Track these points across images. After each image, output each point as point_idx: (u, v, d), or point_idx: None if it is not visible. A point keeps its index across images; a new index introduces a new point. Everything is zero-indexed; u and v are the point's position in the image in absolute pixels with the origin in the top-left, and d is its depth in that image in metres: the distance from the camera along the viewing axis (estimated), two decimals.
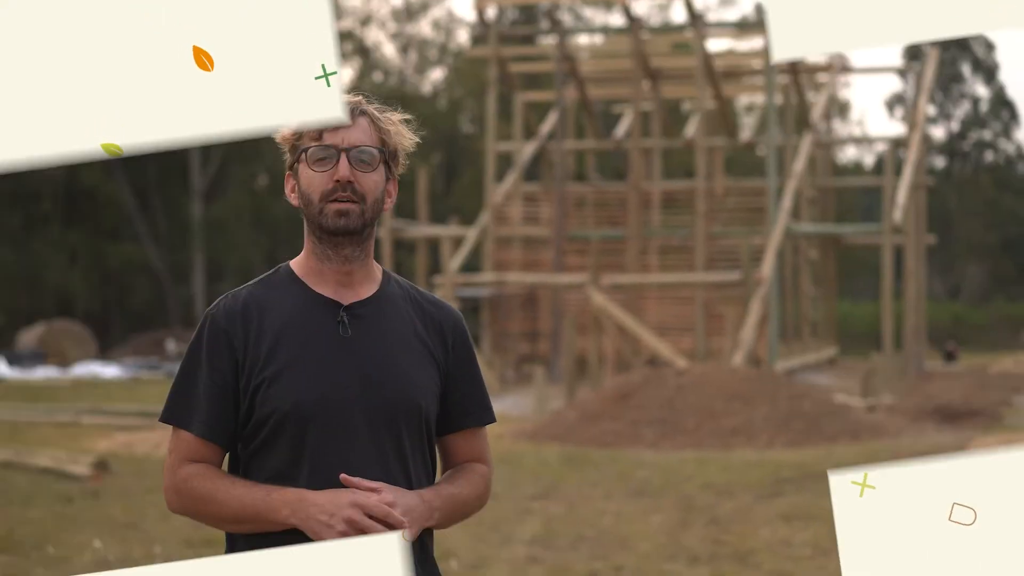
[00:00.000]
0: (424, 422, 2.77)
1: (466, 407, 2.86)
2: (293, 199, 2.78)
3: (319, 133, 2.71)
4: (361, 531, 2.56)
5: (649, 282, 25.74)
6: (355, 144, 2.70)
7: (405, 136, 2.80)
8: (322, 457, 2.67)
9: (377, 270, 2.83)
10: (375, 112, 2.76)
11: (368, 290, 2.79)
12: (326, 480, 2.65)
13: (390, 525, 2.57)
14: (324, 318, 2.73)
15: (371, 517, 2.59)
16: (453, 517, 2.78)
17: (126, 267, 43.54)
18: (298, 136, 2.74)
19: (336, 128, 2.70)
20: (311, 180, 2.71)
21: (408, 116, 2.83)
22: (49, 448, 14.20)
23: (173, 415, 2.73)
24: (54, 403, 21.12)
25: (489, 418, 2.90)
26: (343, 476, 2.63)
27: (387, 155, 2.75)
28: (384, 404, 2.71)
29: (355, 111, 2.73)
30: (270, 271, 2.83)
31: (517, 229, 30.11)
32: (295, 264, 2.81)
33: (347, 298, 2.76)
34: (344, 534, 2.56)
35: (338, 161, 2.69)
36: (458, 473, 2.85)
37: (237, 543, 2.72)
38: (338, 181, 2.69)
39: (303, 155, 2.72)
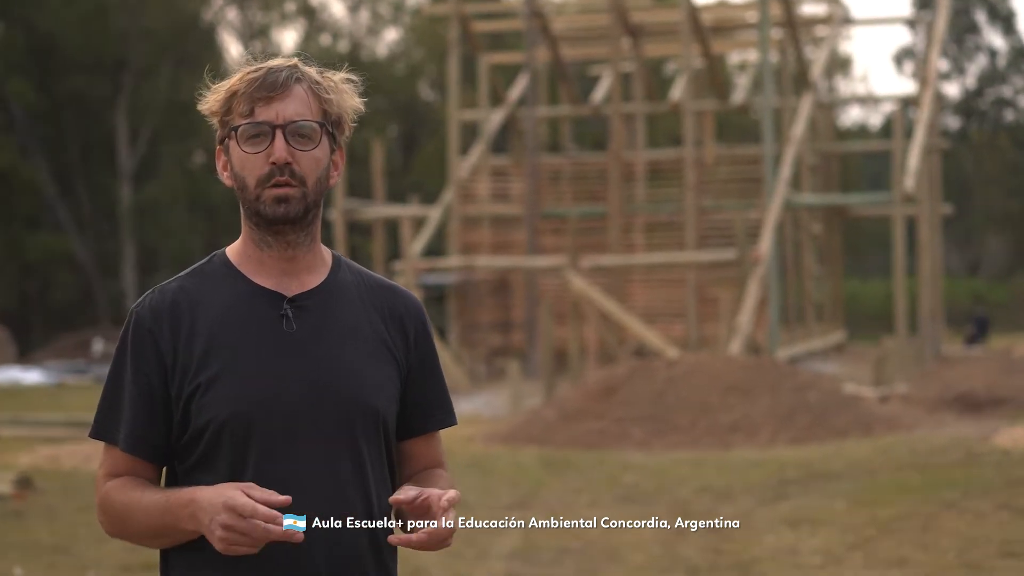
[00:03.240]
0: (382, 426, 2.71)
1: (428, 409, 2.81)
2: (226, 179, 2.70)
3: (250, 108, 2.61)
4: (241, 534, 2.47)
5: (634, 263, 25.76)
6: (291, 119, 2.61)
7: (349, 99, 2.71)
8: (267, 471, 2.60)
9: (326, 255, 2.76)
10: (314, 76, 2.67)
11: (315, 279, 2.72)
12: None
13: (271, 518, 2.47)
14: (265, 312, 2.66)
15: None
16: None
17: (47, 259, 43.29)
18: (226, 109, 2.65)
19: (269, 100, 2.61)
20: (244, 162, 2.63)
21: (352, 76, 2.73)
22: None
23: (100, 429, 2.69)
24: None
25: (451, 420, 2.85)
26: None
27: (330, 125, 2.67)
28: (336, 409, 2.64)
29: (290, 78, 2.63)
30: (203, 260, 2.75)
31: (485, 207, 30.09)
32: (231, 251, 2.74)
33: (291, 289, 2.69)
34: (224, 541, 2.48)
35: (273, 140, 2.60)
36: (432, 481, 2.77)
37: (169, 560, 2.68)
38: (274, 164, 2.61)
39: (233, 133, 2.64)
